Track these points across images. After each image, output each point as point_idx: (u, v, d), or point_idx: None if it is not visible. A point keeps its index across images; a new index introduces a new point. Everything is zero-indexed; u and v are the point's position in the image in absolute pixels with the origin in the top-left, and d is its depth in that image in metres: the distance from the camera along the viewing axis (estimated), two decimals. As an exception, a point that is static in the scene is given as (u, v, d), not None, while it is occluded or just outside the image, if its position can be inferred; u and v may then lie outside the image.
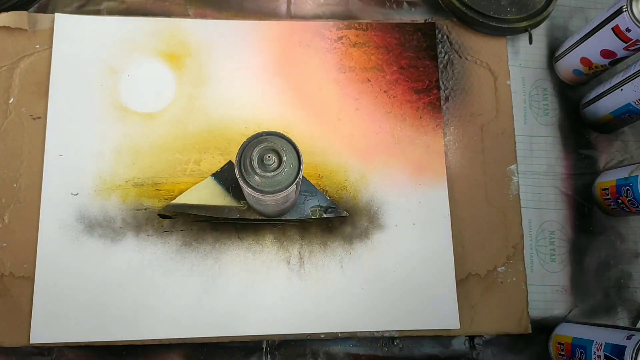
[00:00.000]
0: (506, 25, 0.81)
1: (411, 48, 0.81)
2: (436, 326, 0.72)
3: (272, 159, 0.58)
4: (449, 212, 0.75)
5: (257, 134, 0.60)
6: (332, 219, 0.74)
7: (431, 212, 0.75)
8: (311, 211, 0.73)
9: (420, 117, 0.78)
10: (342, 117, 0.78)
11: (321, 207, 0.73)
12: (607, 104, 0.78)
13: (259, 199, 0.60)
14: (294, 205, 0.72)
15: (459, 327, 0.72)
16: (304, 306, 0.71)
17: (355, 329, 0.72)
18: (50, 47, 0.76)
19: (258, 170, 0.58)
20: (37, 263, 0.70)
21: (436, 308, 0.73)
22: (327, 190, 0.75)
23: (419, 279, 0.73)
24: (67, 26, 0.77)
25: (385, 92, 0.79)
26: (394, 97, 0.79)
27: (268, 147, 0.59)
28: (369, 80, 0.79)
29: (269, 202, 0.62)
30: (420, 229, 0.75)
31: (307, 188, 0.73)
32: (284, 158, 0.58)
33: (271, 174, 0.58)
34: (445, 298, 0.73)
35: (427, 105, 0.79)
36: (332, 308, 0.71)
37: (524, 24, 0.80)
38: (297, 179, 0.59)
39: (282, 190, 0.59)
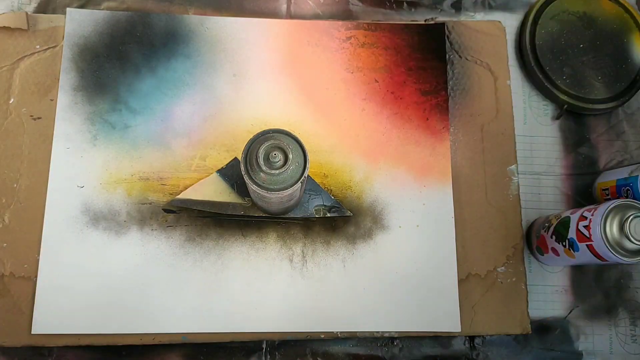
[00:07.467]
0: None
1: (420, 49, 0.81)
2: (437, 329, 0.72)
3: (278, 157, 0.58)
4: (453, 215, 0.75)
5: (264, 131, 0.60)
6: (335, 218, 0.74)
7: (435, 214, 0.75)
8: (315, 210, 0.73)
9: (427, 119, 0.78)
10: (348, 117, 0.78)
11: (325, 206, 0.73)
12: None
13: (264, 196, 0.60)
14: (299, 203, 0.72)
15: (459, 330, 0.72)
16: (305, 304, 0.71)
17: (356, 329, 0.72)
18: (50, 47, 0.76)
19: (264, 168, 0.58)
20: (40, 254, 0.69)
21: (437, 311, 0.73)
22: (331, 190, 0.75)
23: (421, 281, 0.73)
24: (77, 20, 0.77)
25: (392, 93, 0.79)
26: (401, 99, 0.79)
27: (274, 144, 0.58)
28: (376, 81, 0.79)
29: (274, 200, 0.62)
30: (424, 231, 0.75)
31: (312, 187, 0.73)
32: (290, 156, 0.58)
33: (277, 171, 0.58)
34: (447, 301, 0.73)
35: (434, 107, 0.79)
36: (333, 307, 0.71)
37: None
38: (303, 178, 0.59)
39: (287, 188, 0.59)
